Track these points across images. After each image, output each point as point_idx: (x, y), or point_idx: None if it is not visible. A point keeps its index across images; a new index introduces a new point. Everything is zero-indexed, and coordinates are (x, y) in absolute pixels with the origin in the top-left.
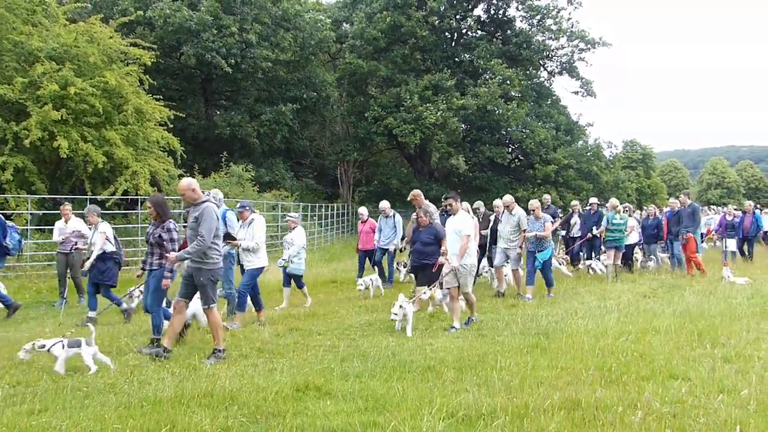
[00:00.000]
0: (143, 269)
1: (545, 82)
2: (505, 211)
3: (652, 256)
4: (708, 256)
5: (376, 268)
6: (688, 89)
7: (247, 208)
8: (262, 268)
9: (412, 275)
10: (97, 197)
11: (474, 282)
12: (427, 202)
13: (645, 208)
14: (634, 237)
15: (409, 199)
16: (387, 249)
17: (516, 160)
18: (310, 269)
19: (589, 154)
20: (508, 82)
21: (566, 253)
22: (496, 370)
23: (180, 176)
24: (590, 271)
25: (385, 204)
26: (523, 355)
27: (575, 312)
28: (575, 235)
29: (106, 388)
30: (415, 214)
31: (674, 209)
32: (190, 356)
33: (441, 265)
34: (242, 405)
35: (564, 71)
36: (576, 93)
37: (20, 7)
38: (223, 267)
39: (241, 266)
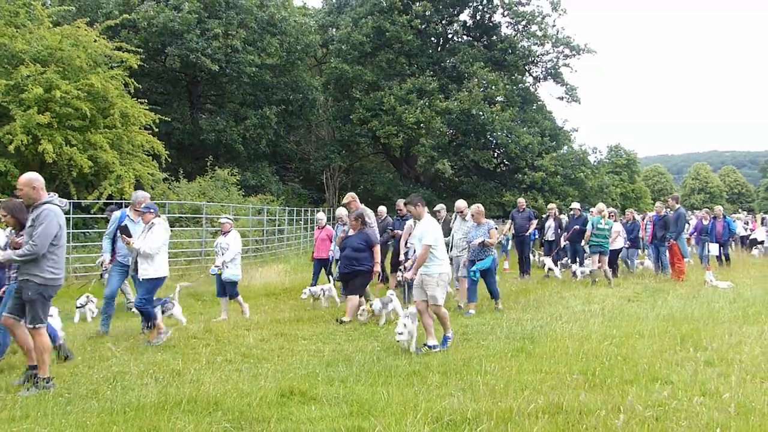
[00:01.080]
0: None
1: (530, 87)
2: (458, 216)
3: (627, 260)
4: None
5: (330, 277)
6: (672, 94)
7: (152, 210)
8: (162, 278)
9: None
10: (82, 202)
11: None
12: (362, 206)
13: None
14: (619, 242)
15: (343, 202)
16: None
17: (502, 165)
18: (296, 274)
19: (574, 159)
20: (492, 86)
21: (553, 257)
22: (481, 374)
23: (164, 180)
24: (574, 276)
25: (341, 211)
26: (508, 360)
27: (560, 316)
28: (550, 239)
29: (88, 394)
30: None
31: (660, 213)
32: (174, 361)
33: (374, 273)
34: (226, 411)
35: (549, 77)
36: (561, 98)
37: (3, 9)
38: (61, 285)
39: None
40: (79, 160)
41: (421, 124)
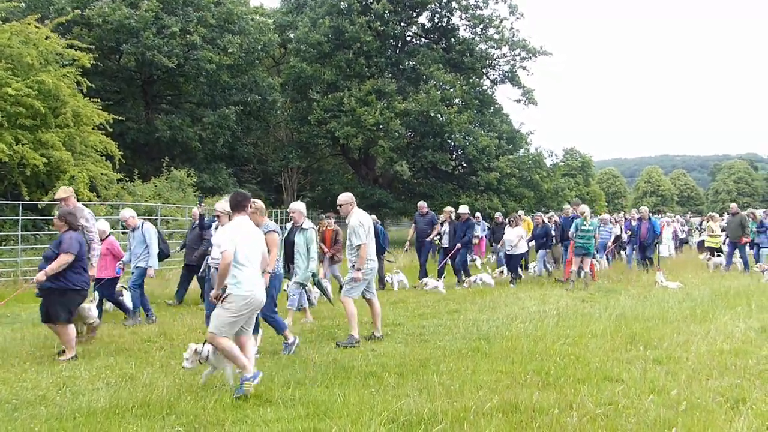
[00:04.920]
0: None
1: (488, 90)
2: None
3: (538, 263)
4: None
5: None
6: (625, 100)
7: None
8: None
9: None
10: (38, 203)
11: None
12: (80, 205)
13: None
14: (522, 246)
15: (57, 197)
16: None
17: (459, 167)
18: None
19: (530, 162)
20: (450, 88)
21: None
22: (437, 374)
23: (119, 181)
24: (479, 281)
25: (127, 212)
26: (464, 360)
27: (515, 316)
28: (444, 246)
29: (36, 400)
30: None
31: (568, 215)
32: (127, 365)
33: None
34: (180, 414)
35: (506, 80)
36: (518, 101)
37: None
38: None
39: None
40: (31, 159)
41: (380, 126)
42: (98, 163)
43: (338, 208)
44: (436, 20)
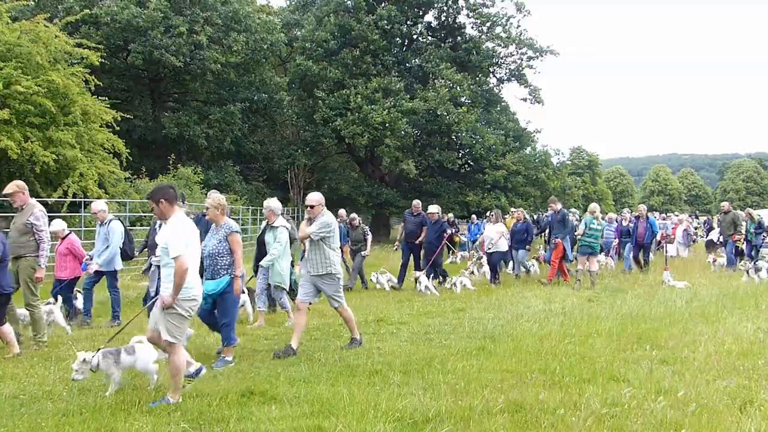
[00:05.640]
0: None
1: (494, 89)
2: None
3: (520, 263)
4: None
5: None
6: (633, 97)
7: None
8: None
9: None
10: (47, 200)
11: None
12: (32, 201)
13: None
14: (503, 245)
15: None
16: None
17: (466, 166)
18: None
19: (537, 161)
20: (457, 87)
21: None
22: (442, 373)
23: (126, 179)
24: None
25: (98, 205)
26: (470, 359)
27: (521, 315)
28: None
29: (43, 396)
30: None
31: (555, 210)
32: None
33: None
34: (185, 411)
35: (513, 78)
36: (524, 100)
37: None
38: None
39: None
40: (41, 156)
41: (387, 125)
42: (106, 160)
43: (309, 209)
44: (443, 19)
